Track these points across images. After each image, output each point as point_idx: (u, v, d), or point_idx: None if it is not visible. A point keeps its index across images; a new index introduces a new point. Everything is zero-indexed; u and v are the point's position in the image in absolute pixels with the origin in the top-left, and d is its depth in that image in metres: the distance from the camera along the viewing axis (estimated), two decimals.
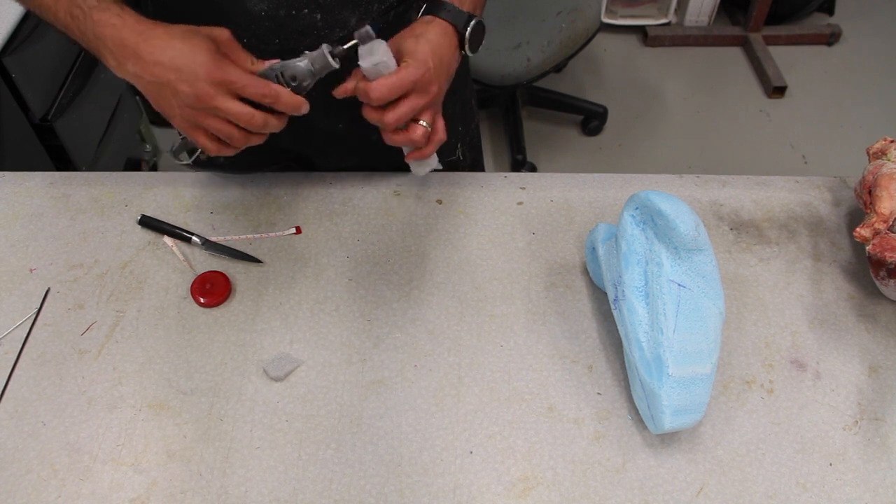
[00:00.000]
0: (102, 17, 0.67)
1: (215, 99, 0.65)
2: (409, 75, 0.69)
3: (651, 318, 0.70)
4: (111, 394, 0.75)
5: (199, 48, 0.66)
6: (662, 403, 0.68)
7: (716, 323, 0.71)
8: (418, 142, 0.73)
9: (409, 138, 0.73)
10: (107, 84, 1.78)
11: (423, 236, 0.89)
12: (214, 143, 0.70)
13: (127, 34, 0.67)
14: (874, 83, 2.61)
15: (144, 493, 0.69)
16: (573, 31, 1.93)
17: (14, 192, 0.94)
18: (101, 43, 0.68)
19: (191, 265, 0.86)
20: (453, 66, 0.76)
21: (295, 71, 0.70)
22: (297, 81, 0.70)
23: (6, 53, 1.41)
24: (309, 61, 0.70)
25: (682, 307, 0.70)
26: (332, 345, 0.79)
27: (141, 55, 0.66)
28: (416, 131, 0.72)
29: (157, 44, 0.66)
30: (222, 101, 0.66)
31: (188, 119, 0.68)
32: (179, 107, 0.67)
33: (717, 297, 0.71)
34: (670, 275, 0.70)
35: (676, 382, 0.68)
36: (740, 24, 2.76)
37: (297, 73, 0.70)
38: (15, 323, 0.81)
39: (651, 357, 0.69)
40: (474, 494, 0.69)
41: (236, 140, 0.69)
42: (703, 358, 0.69)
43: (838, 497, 0.69)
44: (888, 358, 0.79)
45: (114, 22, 0.67)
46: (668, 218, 0.69)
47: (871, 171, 0.85)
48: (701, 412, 0.69)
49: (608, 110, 2.40)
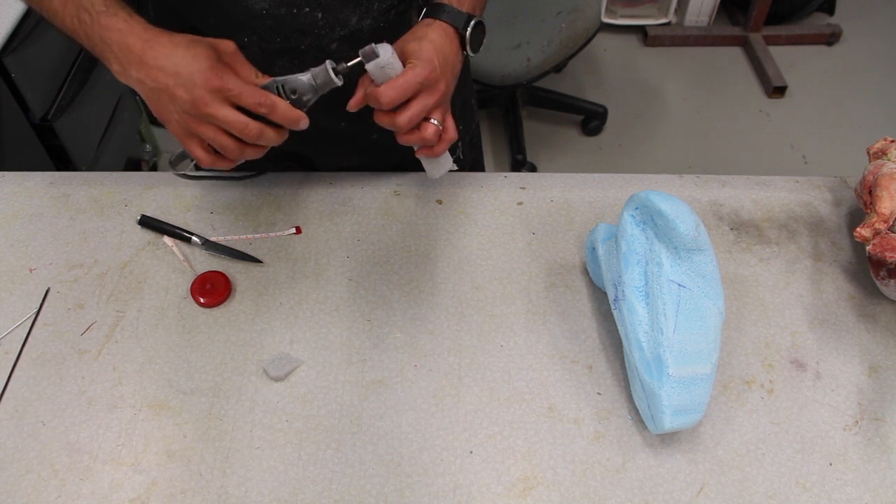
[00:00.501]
0: (110, 23, 0.68)
1: (210, 105, 0.65)
2: (416, 75, 0.69)
3: (651, 318, 0.70)
4: (111, 394, 0.75)
5: (200, 56, 0.66)
6: (662, 403, 0.68)
7: (716, 323, 0.71)
8: (430, 140, 0.73)
9: (422, 137, 0.73)
10: (107, 84, 1.78)
11: (423, 236, 0.89)
12: (208, 155, 0.70)
13: (133, 40, 0.67)
14: (874, 83, 2.61)
15: (144, 493, 0.69)
16: (573, 31, 1.93)
17: (14, 191, 0.94)
18: (107, 47, 0.68)
19: (191, 265, 0.86)
20: (458, 66, 0.77)
21: (296, 84, 0.69)
22: (297, 95, 0.69)
23: (6, 53, 1.41)
24: (311, 76, 0.69)
25: (682, 307, 0.70)
26: (332, 345, 0.79)
27: (145, 60, 0.66)
28: (428, 129, 0.72)
29: (162, 50, 0.66)
30: (217, 107, 0.65)
31: (183, 126, 0.68)
32: (176, 112, 0.67)
33: (717, 297, 0.71)
34: (670, 275, 0.70)
35: (676, 382, 0.68)
36: (740, 24, 2.76)
37: (298, 87, 0.69)
38: (15, 323, 0.81)
39: (651, 357, 0.69)
40: (474, 494, 0.69)
41: (230, 151, 0.69)
42: (703, 358, 0.69)
43: (838, 497, 0.69)
44: (888, 358, 0.79)
45: (120, 27, 0.68)
46: (668, 218, 0.69)
47: (871, 171, 0.85)
48: (701, 412, 0.69)
49: (608, 110, 2.40)
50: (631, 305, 0.72)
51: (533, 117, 2.46)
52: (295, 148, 0.96)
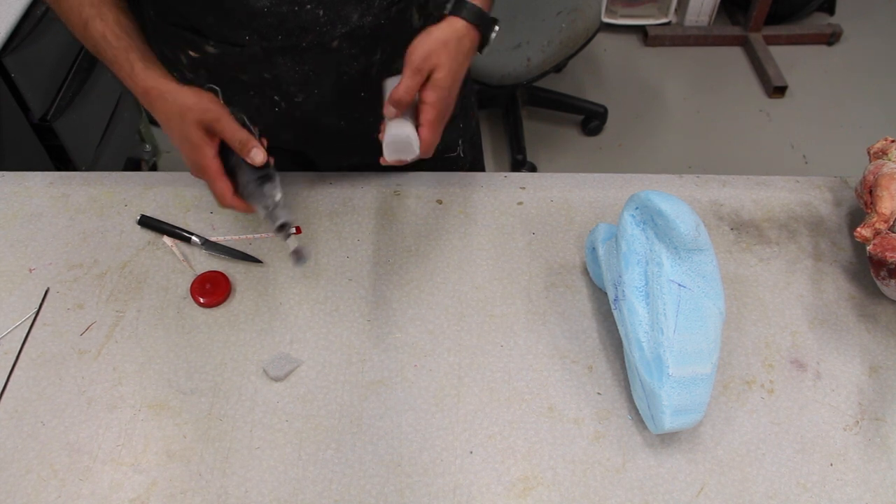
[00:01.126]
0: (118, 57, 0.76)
1: (199, 178, 0.76)
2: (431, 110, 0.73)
3: (651, 318, 0.70)
4: (111, 394, 0.75)
5: (190, 137, 0.72)
6: (662, 403, 0.68)
7: (716, 323, 0.71)
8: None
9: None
10: (107, 84, 1.78)
11: (423, 236, 0.89)
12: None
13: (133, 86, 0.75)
14: (874, 83, 2.61)
15: (144, 493, 0.69)
16: (573, 30, 1.93)
17: (14, 191, 0.94)
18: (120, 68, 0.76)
19: (190, 265, 0.86)
20: (465, 69, 0.77)
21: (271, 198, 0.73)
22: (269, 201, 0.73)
23: (6, 53, 1.41)
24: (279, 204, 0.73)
25: (682, 307, 0.70)
26: (332, 345, 0.79)
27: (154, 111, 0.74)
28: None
29: (161, 116, 0.74)
30: (207, 181, 0.75)
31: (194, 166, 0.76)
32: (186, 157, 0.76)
33: (718, 298, 0.71)
34: (670, 275, 0.70)
35: (676, 382, 0.68)
36: (740, 24, 2.76)
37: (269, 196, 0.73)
38: (14, 323, 0.81)
39: (651, 357, 0.69)
40: (474, 494, 0.69)
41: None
42: (704, 358, 0.69)
43: (838, 497, 0.69)
44: (888, 358, 0.79)
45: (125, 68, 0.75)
46: (668, 218, 0.69)
47: (871, 170, 0.85)
48: (701, 412, 0.69)
49: (608, 110, 2.40)
50: (631, 305, 0.72)
51: (533, 117, 2.46)
52: (296, 146, 0.96)
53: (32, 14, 1.47)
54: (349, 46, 0.82)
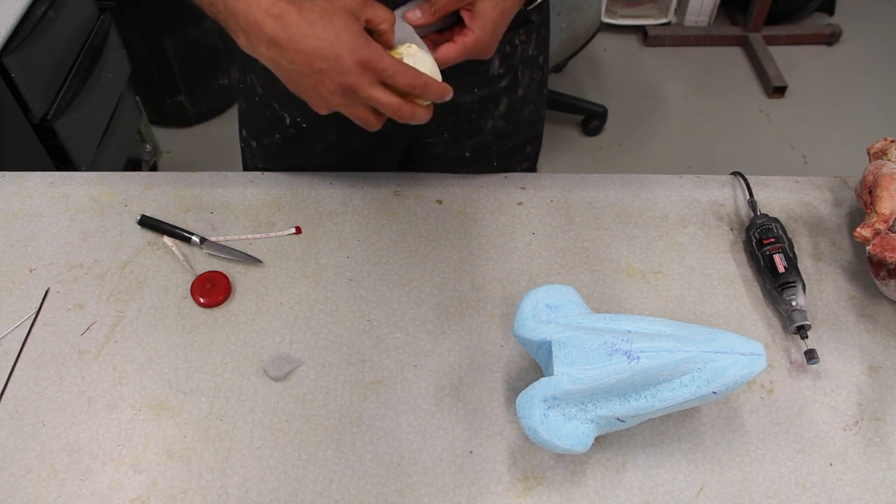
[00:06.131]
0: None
1: (364, 89, 0.63)
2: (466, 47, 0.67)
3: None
4: (111, 394, 0.75)
5: (342, 31, 0.62)
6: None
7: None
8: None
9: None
10: (107, 84, 1.78)
11: (423, 236, 0.89)
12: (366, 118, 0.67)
13: (260, 15, 0.62)
14: (874, 83, 2.61)
15: (144, 493, 0.69)
16: (573, 31, 1.93)
17: (14, 192, 0.94)
18: (233, 18, 0.64)
19: (191, 265, 0.86)
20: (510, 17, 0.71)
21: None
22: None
23: (6, 53, 1.41)
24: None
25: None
26: (332, 345, 0.79)
27: (279, 43, 0.62)
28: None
29: (296, 31, 0.61)
30: (371, 90, 0.63)
31: (328, 105, 0.66)
32: (322, 96, 0.65)
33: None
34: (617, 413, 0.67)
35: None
36: (740, 24, 2.77)
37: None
38: (15, 323, 0.81)
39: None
40: (474, 494, 0.69)
41: (372, 126, 0.67)
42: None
43: (838, 497, 0.69)
44: (888, 358, 0.79)
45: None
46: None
47: (871, 171, 0.85)
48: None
49: (608, 110, 2.40)
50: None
51: None
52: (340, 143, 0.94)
53: (32, 14, 1.47)
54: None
